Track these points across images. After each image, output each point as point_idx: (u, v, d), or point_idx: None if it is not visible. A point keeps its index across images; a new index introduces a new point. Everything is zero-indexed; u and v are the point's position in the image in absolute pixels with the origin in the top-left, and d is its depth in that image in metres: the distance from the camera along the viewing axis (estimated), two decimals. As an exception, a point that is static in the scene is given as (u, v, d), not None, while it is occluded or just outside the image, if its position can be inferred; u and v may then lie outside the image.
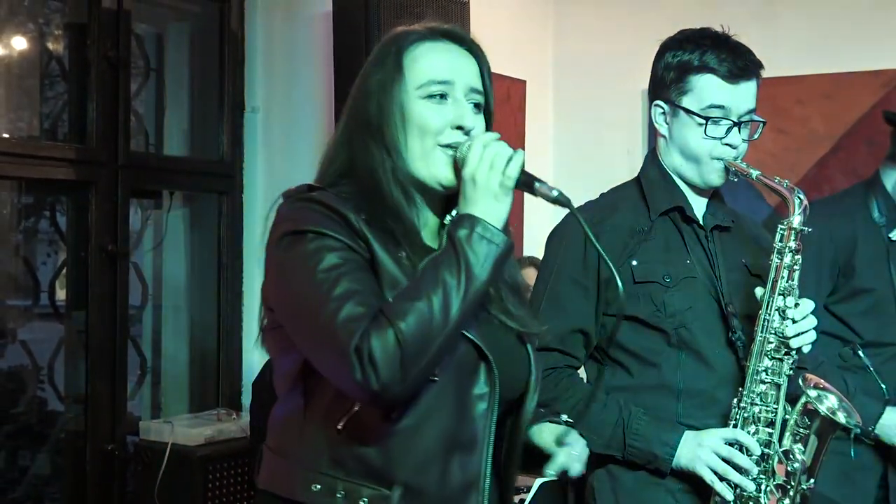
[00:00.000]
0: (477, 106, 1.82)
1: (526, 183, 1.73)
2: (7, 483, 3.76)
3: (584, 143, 5.10)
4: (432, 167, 1.77)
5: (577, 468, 1.84)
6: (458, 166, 1.75)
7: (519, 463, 1.86)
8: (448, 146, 1.77)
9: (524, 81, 4.95)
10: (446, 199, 1.82)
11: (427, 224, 1.84)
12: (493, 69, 1.84)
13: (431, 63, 1.79)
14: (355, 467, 1.69)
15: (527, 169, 1.73)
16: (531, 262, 3.72)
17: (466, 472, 1.72)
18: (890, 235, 3.03)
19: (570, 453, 1.83)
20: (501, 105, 4.79)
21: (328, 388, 1.69)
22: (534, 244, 3.82)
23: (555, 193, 1.72)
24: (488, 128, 1.83)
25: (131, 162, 3.78)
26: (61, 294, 3.88)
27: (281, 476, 1.77)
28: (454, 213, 1.74)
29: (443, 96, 1.78)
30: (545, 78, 5.17)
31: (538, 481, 2.58)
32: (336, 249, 1.66)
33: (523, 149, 5.10)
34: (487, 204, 1.69)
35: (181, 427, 3.76)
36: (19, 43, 3.81)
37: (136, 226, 4.28)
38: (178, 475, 3.66)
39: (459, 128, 1.76)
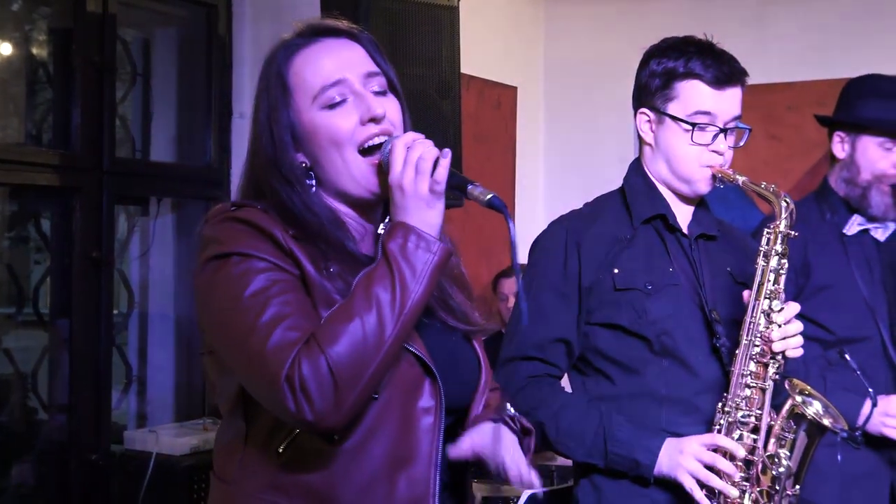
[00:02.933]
0: (381, 91, 1.71)
1: (458, 186, 1.62)
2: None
3: (576, 149, 5.09)
4: (358, 178, 1.68)
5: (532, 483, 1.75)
6: (383, 171, 1.64)
7: (474, 471, 1.79)
8: (369, 150, 1.67)
9: (515, 88, 4.94)
10: (385, 202, 1.71)
11: (364, 235, 1.74)
12: (484, 75, 1.78)
13: (315, 69, 1.68)
14: (298, 492, 1.62)
15: (455, 170, 1.62)
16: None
17: (414, 488, 1.64)
18: (844, 231, 3.05)
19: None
20: (492, 111, 4.83)
21: (268, 413, 1.61)
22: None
23: (488, 197, 1.61)
24: (402, 107, 1.73)
25: (116, 168, 3.74)
26: (47, 301, 3.84)
27: (224, 502, 1.70)
28: (386, 220, 1.64)
29: (342, 101, 1.67)
30: (536, 84, 5.16)
31: (525, 493, 2.53)
32: (263, 271, 1.57)
33: (514, 157, 4.99)
34: (419, 211, 1.59)
35: (166, 436, 3.72)
36: (4, 48, 3.77)
37: (123, 233, 4.25)
38: (163, 485, 3.62)
39: (372, 119, 1.66)
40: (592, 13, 5.08)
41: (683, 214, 2.42)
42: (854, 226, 3.08)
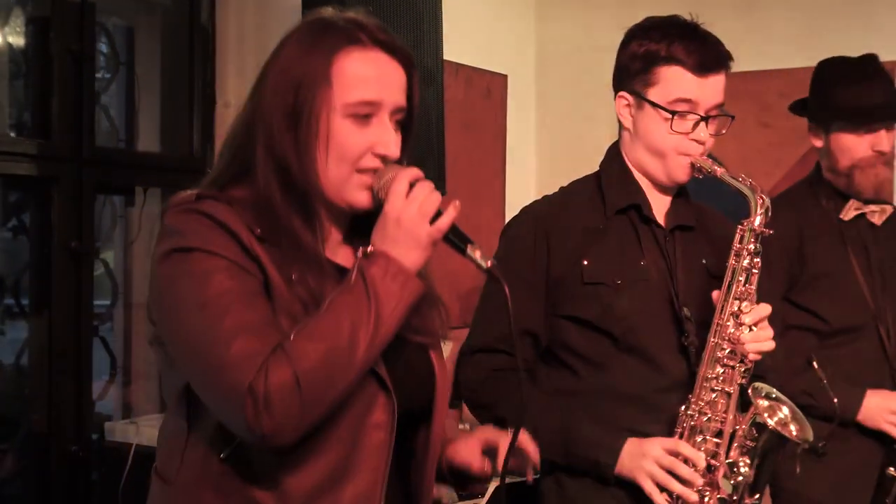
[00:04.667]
0: (399, 123, 1.71)
1: (456, 242, 1.62)
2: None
3: (567, 139, 5.04)
4: (346, 193, 1.67)
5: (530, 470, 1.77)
6: (373, 193, 1.65)
7: (431, 481, 1.77)
8: (365, 171, 1.66)
9: (505, 76, 4.89)
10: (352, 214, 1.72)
11: (329, 239, 1.72)
12: (473, 63, 1.77)
13: (362, 79, 1.66)
14: (239, 500, 1.59)
15: (456, 225, 1.62)
16: None
17: (359, 502, 1.62)
18: (840, 217, 3.00)
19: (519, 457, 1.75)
20: (482, 100, 4.78)
21: (212, 415, 1.59)
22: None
23: (488, 265, 1.62)
24: (406, 142, 1.72)
25: (96, 157, 3.71)
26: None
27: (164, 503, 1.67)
28: (370, 249, 1.61)
29: (367, 116, 1.66)
30: (527, 72, 5.10)
31: (493, 486, 2.49)
32: (225, 271, 1.54)
33: (504, 146, 4.95)
34: (408, 249, 1.59)
35: (147, 427, 3.69)
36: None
37: (107, 223, 4.22)
38: (143, 476, 3.55)
39: (382, 156, 1.66)
40: (584, 0, 5.03)
41: (660, 204, 2.37)
42: (851, 210, 3.04)
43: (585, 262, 2.28)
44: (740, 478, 2.18)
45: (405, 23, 3.59)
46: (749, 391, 2.21)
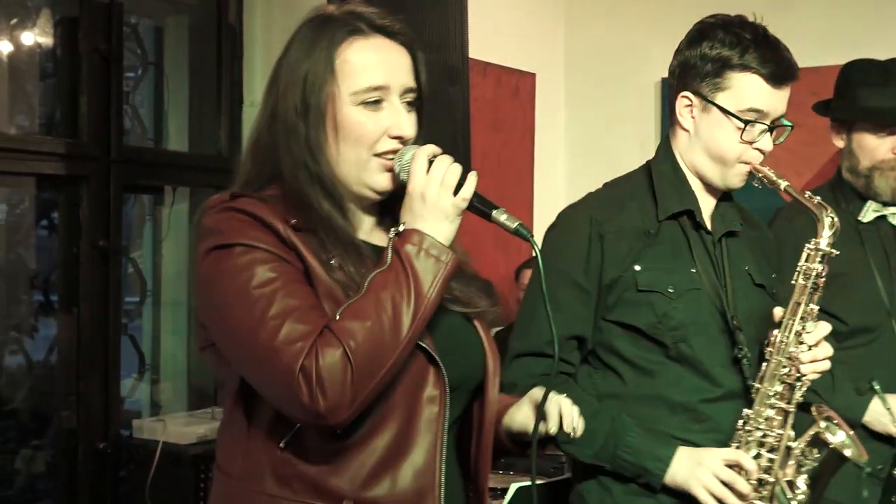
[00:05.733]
0: (410, 104, 1.73)
1: (482, 209, 1.66)
2: (1, 481, 3.74)
3: (596, 137, 5.01)
4: (366, 177, 1.70)
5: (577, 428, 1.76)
6: (393, 174, 1.68)
7: (490, 454, 1.78)
8: (383, 154, 1.69)
9: (533, 74, 4.87)
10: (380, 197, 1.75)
11: (362, 224, 1.76)
12: (501, 62, 1.77)
13: (366, 66, 1.69)
14: (302, 486, 1.63)
15: (481, 193, 1.65)
16: None
17: (419, 479, 1.65)
18: (859, 218, 2.97)
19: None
20: (510, 99, 4.77)
21: (268, 407, 1.63)
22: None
23: (515, 225, 1.65)
24: (420, 121, 1.74)
25: (124, 156, 3.74)
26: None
27: (228, 497, 1.71)
28: (401, 228, 1.64)
29: (378, 102, 1.69)
30: (556, 70, 5.08)
31: (513, 486, 2.48)
32: (267, 262, 1.58)
33: (533, 144, 4.94)
34: (437, 222, 1.62)
35: (174, 425, 3.72)
36: (12, 38, 3.78)
37: (137, 222, 4.25)
38: (170, 474, 3.62)
39: (398, 137, 1.69)
40: (614, -2, 5.01)
41: (709, 207, 2.32)
42: (869, 212, 3.02)
43: (638, 268, 2.24)
44: (800, 496, 2.15)
45: (431, 21, 3.59)
46: (812, 410, 2.19)
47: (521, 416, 1.82)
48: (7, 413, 3.76)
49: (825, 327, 2.19)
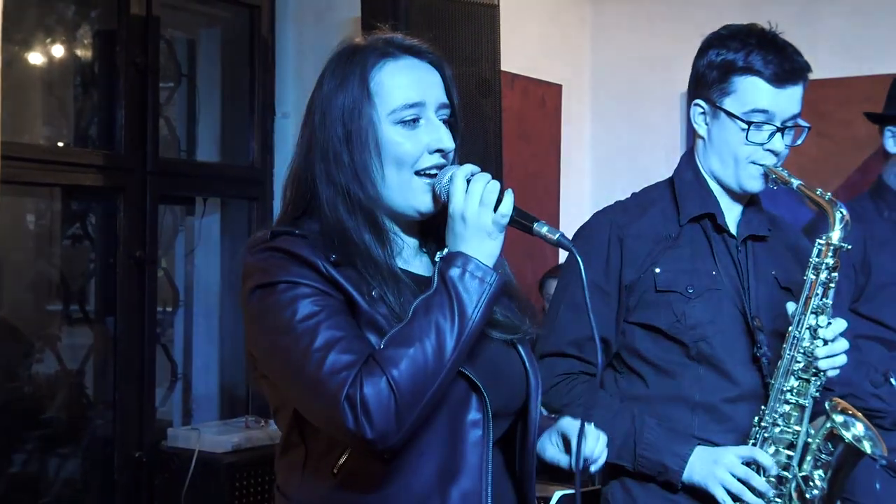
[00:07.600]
0: (447, 122, 1.75)
1: (522, 223, 1.68)
2: (38, 489, 3.78)
3: (622, 148, 5.03)
4: (411, 198, 1.72)
5: (597, 460, 1.78)
6: (436, 194, 1.70)
7: (533, 472, 1.81)
8: (425, 173, 1.71)
9: (560, 86, 4.90)
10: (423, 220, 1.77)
11: (405, 247, 1.78)
12: (527, 73, 1.79)
13: (400, 85, 1.71)
14: None
15: (520, 207, 1.67)
16: None
17: (466, 501, 1.67)
18: None
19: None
20: (536, 110, 4.80)
21: (323, 433, 1.66)
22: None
23: (557, 236, 1.67)
24: (455, 138, 1.76)
25: (160, 168, 3.79)
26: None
27: None
28: (445, 251, 1.66)
29: (415, 120, 1.71)
30: (582, 82, 5.11)
31: (557, 494, 2.51)
32: (310, 296, 1.61)
33: (559, 155, 4.96)
34: (480, 242, 1.64)
35: (208, 434, 3.75)
36: (50, 51, 3.83)
37: (169, 232, 4.29)
38: (205, 483, 3.65)
39: (438, 150, 1.71)
40: (639, 10, 5.03)
41: (733, 213, 2.36)
42: None
43: (658, 270, 2.29)
44: (816, 491, 2.17)
45: (464, 36, 3.63)
46: (826, 405, 2.20)
47: (551, 450, 1.85)
48: (43, 421, 3.80)
49: (841, 323, 2.21)
